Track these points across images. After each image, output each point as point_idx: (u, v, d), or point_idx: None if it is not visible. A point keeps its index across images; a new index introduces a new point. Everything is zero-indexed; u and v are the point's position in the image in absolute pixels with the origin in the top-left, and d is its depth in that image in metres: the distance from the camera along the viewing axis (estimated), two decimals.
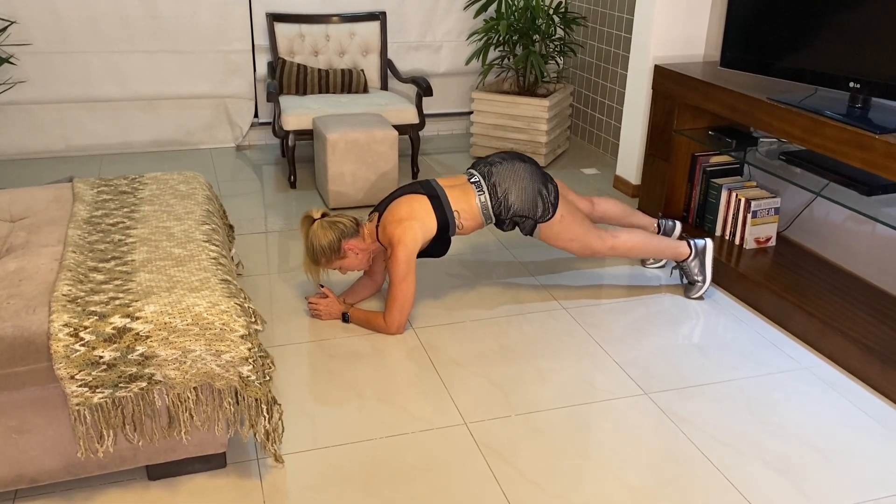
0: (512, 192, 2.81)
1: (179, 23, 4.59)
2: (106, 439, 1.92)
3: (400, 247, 2.70)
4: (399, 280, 2.72)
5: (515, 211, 2.82)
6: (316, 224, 2.77)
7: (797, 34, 2.88)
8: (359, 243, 2.80)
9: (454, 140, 5.22)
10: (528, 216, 2.83)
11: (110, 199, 2.60)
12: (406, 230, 2.71)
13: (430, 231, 2.78)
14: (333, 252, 2.76)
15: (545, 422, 2.37)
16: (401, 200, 2.81)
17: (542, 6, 4.42)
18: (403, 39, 5.02)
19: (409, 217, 2.74)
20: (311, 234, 2.76)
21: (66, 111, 4.60)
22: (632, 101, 4.11)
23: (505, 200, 2.81)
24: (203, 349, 1.89)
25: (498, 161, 2.88)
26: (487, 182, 2.83)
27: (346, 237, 2.76)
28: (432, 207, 2.78)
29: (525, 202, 2.81)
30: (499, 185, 2.82)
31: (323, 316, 2.90)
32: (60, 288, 1.96)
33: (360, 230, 2.82)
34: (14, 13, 4.31)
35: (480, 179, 2.85)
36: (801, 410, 2.45)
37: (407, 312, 2.79)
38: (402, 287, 2.73)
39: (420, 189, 2.83)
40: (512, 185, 2.81)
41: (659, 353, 2.75)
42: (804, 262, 3.22)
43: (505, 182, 2.82)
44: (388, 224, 2.76)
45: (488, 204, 2.82)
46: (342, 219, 2.80)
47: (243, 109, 4.88)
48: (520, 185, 2.81)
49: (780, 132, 2.87)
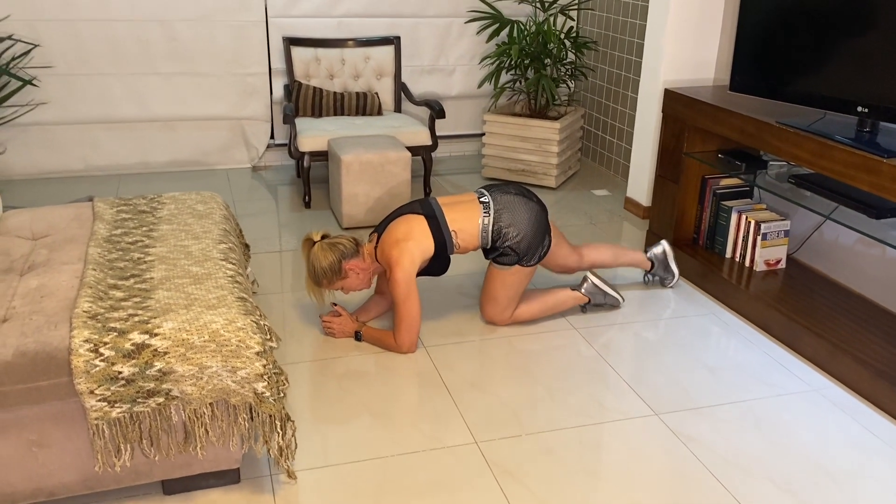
0: (514, 227, 2.85)
1: (198, 46, 4.68)
2: (123, 454, 1.96)
3: (398, 268, 2.74)
4: (401, 301, 2.76)
5: (510, 245, 2.86)
6: (316, 246, 2.81)
7: (806, 59, 2.92)
8: (359, 263, 2.84)
9: (466, 161, 5.28)
10: (517, 252, 2.87)
11: (129, 218, 2.66)
12: (403, 252, 2.75)
13: (427, 251, 2.81)
14: (335, 273, 2.80)
15: (555, 441, 2.39)
16: (398, 221, 2.85)
17: (554, 31, 4.49)
18: (417, 63, 5.10)
19: (406, 238, 2.77)
20: (311, 256, 2.80)
21: (86, 132, 4.69)
22: (642, 123, 4.15)
23: (506, 231, 2.85)
24: (219, 365, 1.93)
25: (513, 192, 2.92)
26: (495, 207, 2.87)
27: (346, 258, 2.80)
28: (429, 228, 2.81)
29: (521, 241, 2.86)
30: (504, 215, 2.85)
31: (336, 334, 2.94)
32: (81, 304, 2.01)
33: (360, 250, 2.86)
34: (38, 37, 4.42)
35: (490, 202, 2.88)
36: (810, 432, 2.46)
37: (415, 331, 2.83)
38: (406, 307, 2.77)
39: (419, 209, 2.87)
40: (516, 220, 2.85)
41: (669, 373, 2.77)
42: (814, 284, 3.24)
43: (511, 215, 2.85)
44: (386, 245, 2.80)
45: (489, 228, 2.85)
46: (342, 240, 2.83)
47: (260, 131, 4.95)
48: (523, 225, 2.85)
49: (789, 155, 2.90)
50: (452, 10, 5.05)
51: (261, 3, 4.70)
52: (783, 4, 3.00)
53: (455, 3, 5.04)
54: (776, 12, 3.03)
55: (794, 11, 2.96)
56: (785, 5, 2.99)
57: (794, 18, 2.96)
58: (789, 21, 2.98)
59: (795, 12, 2.95)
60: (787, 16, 2.99)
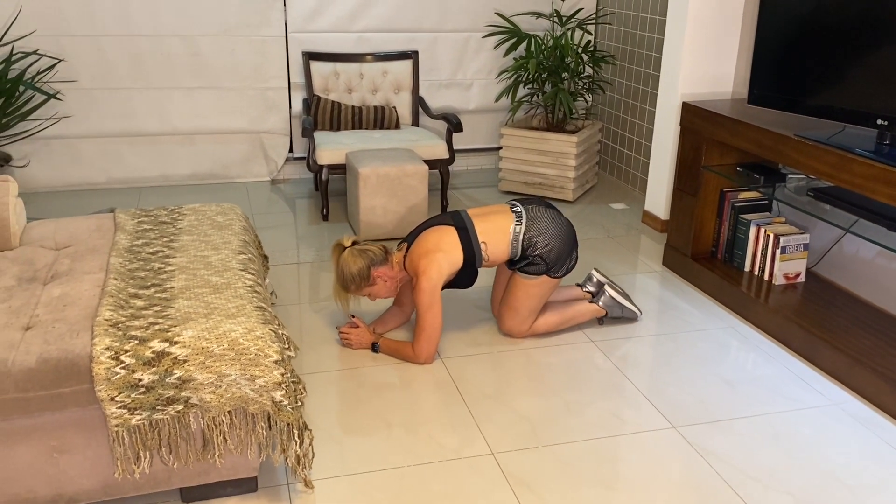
0: (545, 237, 2.87)
1: (218, 60, 4.74)
2: (142, 461, 1.97)
3: (424, 278, 2.76)
4: (424, 310, 2.77)
5: (540, 253, 2.87)
6: (346, 252, 2.84)
7: (825, 72, 2.92)
8: (387, 271, 2.86)
9: (483, 175, 5.29)
10: (546, 262, 2.88)
11: (150, 228, 2.69)
12: (431, 262, 2.77)
13: (455, 263, 2.83)
14: (363, 279, 2.81)
15: (572, 454, 2.38)
16: (429, 232, 2.87)
17: (571, 45, 4.51)
18: (435, 77, 5.14)
19: (436, 249, 2.80)
20: (341, 261, 2.83)
21: (108, 145, 4.76)
22: (660, 137, 4.16)
23: (537, 240, 2.87)
24: (238, 374, 1.95)
25: (545, 206, 2.96)
26: (527, 216, 2.89)
27: (375, 265, 2.82)
28: (459, 240, 2.83)
29: (551, 251, 2.88)
30: (536, 224, 2.88)
31: (353, 345, 2.95)
32: (102, 313, 2.04)
33: (388, 258, 2.88)
34: (62, 51, 4.50)
35: (522, 212, 2.91)
36: (830, 446, 2.43)
37: (435, 342, 2.83)
38: (428, 317, 2.78)
39: (449, 220, 2.89)
40: (547, 230, 2.88)
41: (687, 387, 2.76)
42: (834, 298, 3.21)
43: (543, 224, 2.89)
44: (416, 255, 2.82)
45: (521, 236, 2.87)
46: (372, 247, 2.86)
47: (279, 144, 5.00)
48: (554, 235, 2.89)
49: (808, 168, 2.89)
50: (470, 24, 5.08)
51: (281, 18, 4.76)
52: (801, 18, 3.00)
53: (473, 18, 5.07)
54: (794, 26, 3.03)
55: (812, 24, 2.96)
56: (803, 19, 2.99)
57: (812, 31, 2.96)
58: (808, 34, 2.98)
59: (814, 25, 2.95)
60: (805, 29, 2.99)
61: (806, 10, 2.98)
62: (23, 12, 4.38)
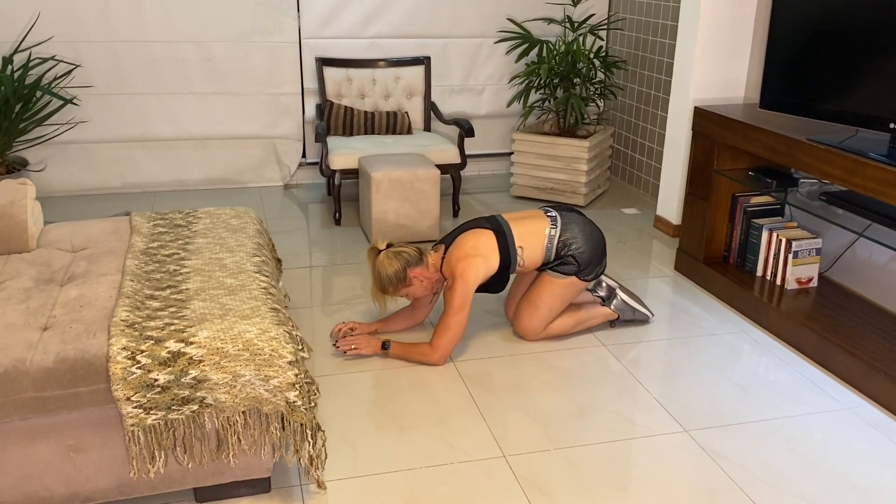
0: (578, 240, 2.93)
1: (232, 66, 4.78)
2: (157, 460, 1.99)
3: (460, 280, 2.80)
4: (454, 311, 2.81)
5: (573, 254, 2.92)
6: (382, 254, 2.87)
7: (837, 76, 2.92)
8: (423, 271, 2.89)
9: (495, 180, 5.31)
10: (578, 263, 2.92)
11: (166, 231, 2.72)
12: (469, 265, 2.81)
13: (491, 268, 2.87)
14: (400, 280, 2.85)
15: (584, 457, 2.38)
16: (467, 235, 2.91)
17: (583, 50, 4.52)
18: (447, 83, 5.16)
19: (474, 253, 2.84)
20: (377, 264, 2.86)
21: (123, 150, 4.81)
22: (672, 141, 4.16)
23: (571, 242, 2.92)
24: (252, 374, 1.97)
25: (577, 213, 3.02)
26: (562, 220, 2.95)
27: (410, 265, 2.85)
28: (497, 244, 2.87)
29: (584, 253, 2.93)
30: (570, 227, 2.94)
31: (363, 350, 2.94)
32: (119, 314, 2.06)
33: (423, 259, 2.90)
34: (79, 57, 4.55)
35: (557, 216, 2.97)
36: (843, 450, 2.43)
37: (454, 344, 2.86)
38: (456, 318, 2.81)
39: (486, 224, 2.93)
40: (580, 234, 2.94)
41: (699, 391, 2.76)
42: (847, 302, 3.20)
43: (576, 229, 2.95)
44: (453, 258, 2.86)
45: (556, 238, 2.92)
46: (406, 248, 2.89)
47: (292, 150, 5.03)
48: (587, 239, 2.94)
49: (820, 173, 2.89)
50: (482, 30, 5.11)
51: (294, 24, 4.80)
52: (813, 22, 3.00)
53: (485, 24, 5.10)
54: (806, 30, 3.03)
55: (824, 29, 2.96)
56: (815, 23, 2.99)
57: (824, 36, 2.96)
58: (820, 38, 2.98)
59: (826, 29, 2.95)
60: (817, 33, 2.99)
61: (818, 15, 2.98)
62: (41, 19, 4.43)
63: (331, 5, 4.81)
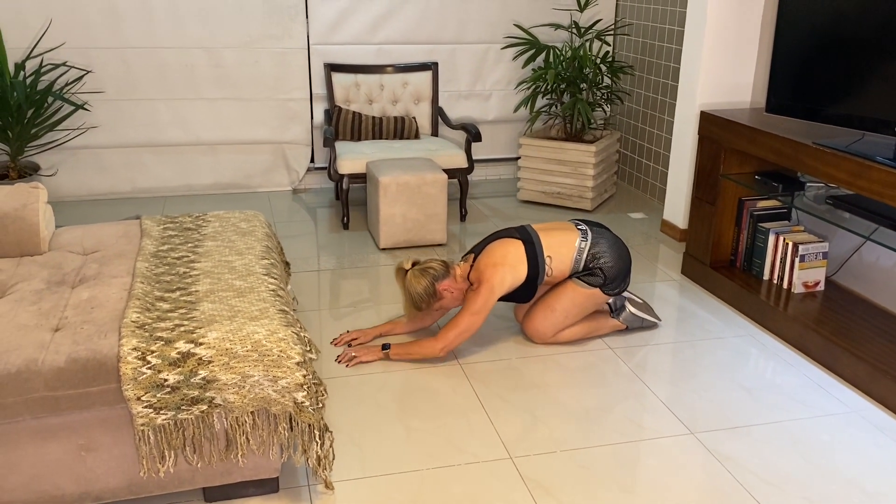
0: (607, 255, 2.97)
1: (241, 72, 4.82)
2: (167, 460, 2.01)
3: (486, 285, 2.85)
4: (471, 312, 2.85)
5: (601, 266, 2.95)
6: (409, 274, 2.93)
7: (843, 80, 2.92)
8: (452, 283, 2.93)
9: (502, 184, 5.33)
10: (605, 276, 2.95)
11: (175, 234, 2.75)
12: (496, 273, 2.86)
13: (518, 278, 2.90)
14: (430, 296, 2.90)
15: (591, 458, 2.39)
16: (496, 244, 2.95)
17: (590, 56, 4.54)
18: (454, 88, 5.18)
19: (503, 262, 2.88)
20: (407, 283, 2.92)
21: (133, 155, 4.85)
22: (678, 146, 4.17)
23: (601, 256, 2.96)
24: (261, 374, 1.99)
25: (607, 229, 3.07)
26: (592, 235, 2.99)
27: (438, 279, 2.90)
28: (525, 253, 2.90)
29: (612, 268, 2.96)
30: (601, 242, 2.98)
31: (364, 358, 2.93)
32: (129, 315, 2.09)
33: (450, 271, 2.95)
34: (90, 63, 4.59)
35: (587, 229, 3.01)
36: (849, 453, 2.43)
37: (461, 341, 2.90)
38: (471, 319, 2.85)
39: (515, 234, 2.97)
40: (610, 250, 2.98)
41: (705, 393, 2.76)
42: (853, 306, 3.20)
43: (606, 244, 2.99)
44: (482, 265, 2.91)
45: (586, 251, 2.96)
46: (432, 263, 2.94)
47: (300, 155, 5.07)
48: (616, 256, 2.98)
49: (827, 176, 2.90)
50: (489, 36, 5.13)
51: (303, 30, 4.83)
52: (820, 26, 3.01)
53: (492, 30, 5.12)
54: (813, 34, 3.04)
55: (830, 33, 2.97)
56: (822, 27, 3.01)
57: (830, 40, 2.97)
58: (826, 43, 2.99)
59: (832, 34, 2.96)
60: (823, 37, 3.00)
61: (824, 19, 2.99)
62: (53, 25, 4.48)
63: (339, 12, 4.85)
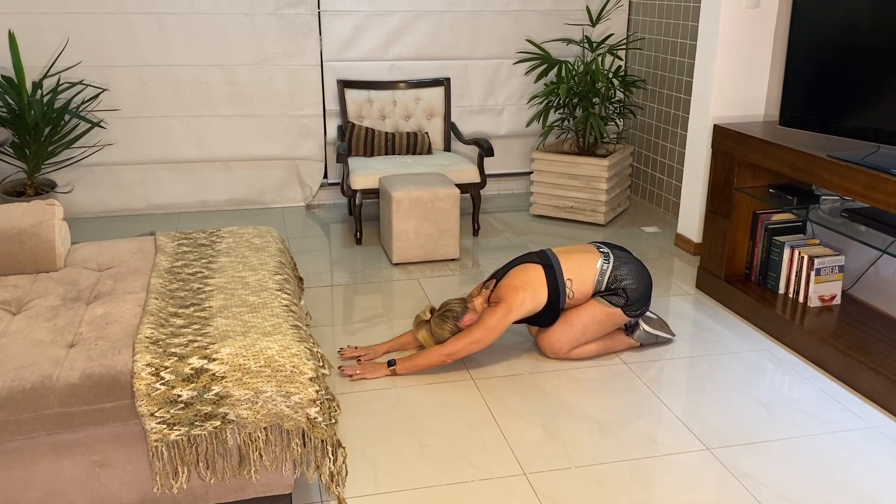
0: (630, 278, 2.98)
1: (255, 89, 4.86)
2: (180, 476, 2.02)
3: (504, 305, 2.88)
4: (484, 327, 2.87)
5: (624, 287, 2.96)
6: (432, 323, 2.99)
7: (857, 93, 2.91)
8: (472, 316, 2.97)
9: (514, 199, 5.33)
10: (627, 297, 2.96)
11: (190, 250, 2.76)
12: (516, 295, 2.89)
13: (539, 303, 2.92)
14: (455, 333, 2.96)
15: (605, 475, 2.37)
16: (518, 269, 2.98)
17: (602, 70, 4.54)
18: (466, 104, 5.20)
19: (523, 287, 2.91)
20: (433, 332, 2.98)
21: (148, 171, 4.89)
22: (692, 159, 4.16)
23: (623, 278, 2.97)
24: (274, 390, 1.99)
25: (629, 252, 3.08)
26: (614, 258, 3.00)
27: (459, 319, 2.95)
28: (545, 277, 2.91)
29: (635, 291, 2.97)
30: (623, 266, 2.99)
31: (368, 376, 2.93)
32: (143, 331, 2.10)
33: (468, 305, 2.98)
34: (106, 81, 4.65)
35: (609, 252, 3.02)
36: (867, 469, 2.40)
37: (468, 353, 2.90)
38: (483, 333, 2.87)
39: (535, 259, 2.99)
40: (633, 274, 2.99)
41: (721, 409, 2.74)
42: (870, 320, 3.17)
43: (629, 268, 3.00)
44: (503, 288, 2.95)
45: (608, 273, 2.96)
46: (450, 305, 2.98)
47: (314, 170, 5.09)
48: (639, 280, 2.99)
49: (842, 189, 2.88)
50: (501, 51, 5.15)
51: (316, 47, 4.87)
52: (833, 38, 3.00)
53: (504, 45, 5.14)
54: (826, 46, 3.04)
55: (844, 45, 2.96)
56: (835, 39, 3.00)
57: (844, 52, 2.96)
58: (840, 55, 2.98)
59: (846, 46, 2.95)
60: (837, 50, 2.99)
61: (838, 31, 2.98)
62: (69, 45, 4.54)
63: (352, 28, 4.88)
